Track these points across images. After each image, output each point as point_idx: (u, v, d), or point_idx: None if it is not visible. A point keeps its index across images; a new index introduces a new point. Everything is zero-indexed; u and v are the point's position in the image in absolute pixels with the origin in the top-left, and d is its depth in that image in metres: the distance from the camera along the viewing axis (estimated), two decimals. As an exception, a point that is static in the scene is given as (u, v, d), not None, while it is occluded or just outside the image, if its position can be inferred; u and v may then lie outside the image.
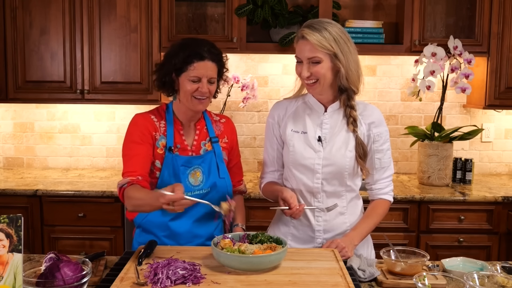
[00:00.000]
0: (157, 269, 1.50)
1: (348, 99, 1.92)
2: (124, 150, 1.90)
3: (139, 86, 3.21)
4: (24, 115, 3.59)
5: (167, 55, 1.89)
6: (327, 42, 1.80)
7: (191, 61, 1.82)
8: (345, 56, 1.83)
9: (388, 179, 1.99)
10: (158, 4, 3.14)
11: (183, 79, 1.86)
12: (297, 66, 1.89)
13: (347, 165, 1.90)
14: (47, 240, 3.00)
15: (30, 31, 3.18)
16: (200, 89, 1.85)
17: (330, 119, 1.94)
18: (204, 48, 1.84)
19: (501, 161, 3.63)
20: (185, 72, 1.84)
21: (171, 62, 1.86)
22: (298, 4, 3.37)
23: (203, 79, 1.84)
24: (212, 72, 1.86)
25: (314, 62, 1.83)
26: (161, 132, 1.92)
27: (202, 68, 1.83)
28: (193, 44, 1.86)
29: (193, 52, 1.83)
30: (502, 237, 2.99)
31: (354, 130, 1.90)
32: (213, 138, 1.99)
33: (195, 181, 1.92)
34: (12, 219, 1.25)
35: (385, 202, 2.00)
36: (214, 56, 1.86)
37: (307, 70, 1.84)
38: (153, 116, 1.93)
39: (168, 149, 1.89)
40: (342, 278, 1.52)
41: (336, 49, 1.82)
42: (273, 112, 2.04)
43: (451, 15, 3.41)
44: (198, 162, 1.93)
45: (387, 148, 1.97)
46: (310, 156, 1.91)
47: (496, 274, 1.48)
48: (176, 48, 1.87)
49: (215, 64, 1.87)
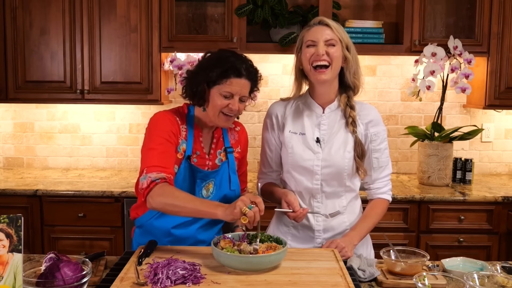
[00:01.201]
0: (157, 269, 1.50)
1: (348, 98, 1.92)
2: (150, 143, 1.80)
3: (139, 86, 3.21)
4: (24, 115, 3.60)
5: (202, 65, 1.83)
6: (341, 30, 1.89)
7: (228, 76, 1.77)
8: (353, 51, 1.91)
9: (386, 178, 2.00)
10: (158, 4, 3.14)
11: (214, 91, 1.79)
12: (307, 50, 1.87)
13: (346, 166, 1.90)
14: (47, 240, 3.00)
15: (30, 31, 3.18)
16: (230, 106, 1.79)
17: (328, 119, 1.94)
18: (243, 65, 1.80)
19: (501, 161, 3.63)
20: (219, 85, 1.78)
21: (207, 73, 1.79)
22: (298, 4, 3.37)
23: (235, 96, 1.79)
24: (245, 91, 1.82)
25: (331, 44, 1.85)
26: (183, 136, 1.86)
27: (237, 85, 1.78)
28: (232, 59, 1.80)
29: (231, 68, 1.77)
30: (502, 237, 2.99)
31: (353, 130, 1.90)
32: (228, 148, 1.95)
33: (206, 192, 1.90)
34: (12, 219, 1.25)
35: (384, 201, 2.00)
36: (251, 75, 1.82)
37: (323, 49, 1.84)
38: (178, 118, 1.88)
39: (187, 158, 1.85)
40: (342, 278, 1.52)
41: (348, 41, 1.90)
42: (270, 112, 2.04)
43: (451, 15, 3.41)
44: (214, 175, 1.90)
45: (385, 147, 1.98)
46: (309, 157, 1.91)
47: (496, 274, 1.47)
48: (214, 60, 1.81)
49: (250, 83, 1.83)
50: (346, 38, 1.89)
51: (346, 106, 1.92)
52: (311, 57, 1.86)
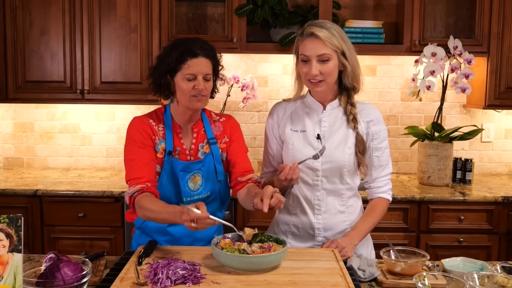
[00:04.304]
0: (157, 269, 1.50)
1: (349, 97, 1.94)
2: (127, 155, 1.87)
3: (139, 86, 3.21)
4: (24, 115, 3.60)
5: (160, 57, 1.87)
6: (335, 39, 1.82)
7: (185, 59, 1.80)
8: (351, 54, 1.87)
9: (387, 177, 2.00)
10: (158, 4, 3.14)
11: (178, 79, 1.83)
12: (302, 65, 1.88)
13: (346, 162, 1.91)
14: (47, 240, 3.00)
15: (30, 31, 3.18)
16: (196, 86, 1.81)
17: (329, 117, 1.95)
18: (196, 45, 1.82)
19: (501, 161, 3.63)
20: (180, 71, 1.81)
21: (164, 63, 1.83)
22: (298, 4, 3.37)
23: (198, 76, 1.81)
24: (207, 69, 1.83)
25: (324, 60, 1.83)
26: (160, 135, 1.90)
27: (196, 65, 1.80)
28: (184, 43, 1.83)
29: (185, 50, 1.80)
30: (502, 237, 2.99)
31: (354, 126, 1.92)
32: (211, 139, 1.96)
33: (194, 185, 1.91)
34: (12, 219, 1.25)
35: (384, 201, 2.00)
36: (207, 52, 1.83)
37: (316, 68, 1.83)
38: (151, 120, 1.91)
39: (168, 153, 1.88)
40: (342, 278, 1.52)
41: (344, 46, 1.84)
42: (272, 113, 2.05)
43: (451, 15, 3.41)
44: (198, 166, 1.91)
45: (386, 146, 1.98)
46: (310, 153, 1.91)
47: (496, 274, 1.47)
48: (168, 48, 1.85)
49: (209, 60, 1.84)
50: (341, 44, 1.84)
51: (346, 104, 1.94)
52: (305, 75, 1.87)
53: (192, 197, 1.89)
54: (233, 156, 1.99)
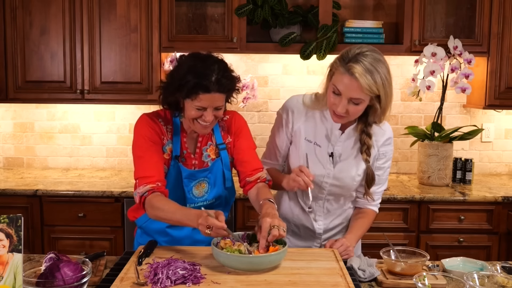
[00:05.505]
0: (157, 269, 1.50)
1: (366, 126, 1.87)
2: (136, 152, 1.82)
3: (139, 86, 3.21)
4: (24, 115, 3.60)
5: (173, 76, 1.76)
6: (375, 86, 1.68)
7: (197, 93, 1.69)
8: (387, 99, 1.75)
9: (381, 193, 2.03)
10: (158, 4, 3.14)
11: (188, 104, 1.74)
12: (332, 96, 1.75)
13: (354, 187, 1.94)
14: (47, 240, 3.00)
15: (30, 31, 3.18)
16: (204, 117, 1.74)
17: (344, 141, 1.90)
18: (211, 78, 1.69)
19: (501, 161, 3.63)
20: (190, 99, 1.72)
21: (176, 84, 1.73)
22: (298, 4, 3.37)
23: (208, 108, 1.73)
24: (219, 102, 1.73)
25: (355, 103, 1.72)
26: (168, 137, 1.86)
27: (208, 100, 1.71)
28: (201, 71, 1.70)
29: (199, 84, 1.68)
30: (502, 237, 2.99)
31: (366, 160, 1.88)
32: (220, 145, 1.91)
33: (199, 192, 1.88)
34: (12, 219, 1.25)
35: (374, 213, 2.04)
36: (222, 88, 1.71)
37: (344, 107, 1.72)
38: (160, 119, 1.87)
39: (175, 157, 1.84)
40: (342, 278, 1.52)
41: (382, 92, 1.71)
42: (287, 108, 1.95)
43: (451, 15, 3.41)
44: (205, 174, 1.88)
45: (388, 166, 2.00)
46: (320, 173, 1.90)
47: (496, 274, 1.48)
48: (184, 70, 1.73)
49: (223, 94, 1.74)
50: (380, 90, 1.70)
51: (362, 133, 1.87)
52: (332, 105, 1.77)
53: (196, 204, 1.87)
54: (240, 154, 1.92)
